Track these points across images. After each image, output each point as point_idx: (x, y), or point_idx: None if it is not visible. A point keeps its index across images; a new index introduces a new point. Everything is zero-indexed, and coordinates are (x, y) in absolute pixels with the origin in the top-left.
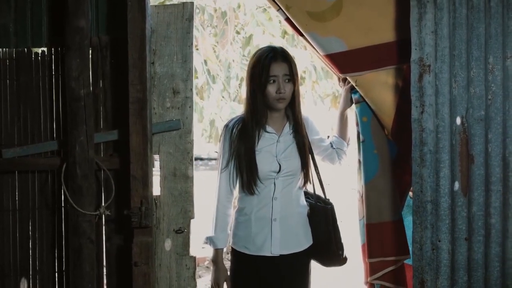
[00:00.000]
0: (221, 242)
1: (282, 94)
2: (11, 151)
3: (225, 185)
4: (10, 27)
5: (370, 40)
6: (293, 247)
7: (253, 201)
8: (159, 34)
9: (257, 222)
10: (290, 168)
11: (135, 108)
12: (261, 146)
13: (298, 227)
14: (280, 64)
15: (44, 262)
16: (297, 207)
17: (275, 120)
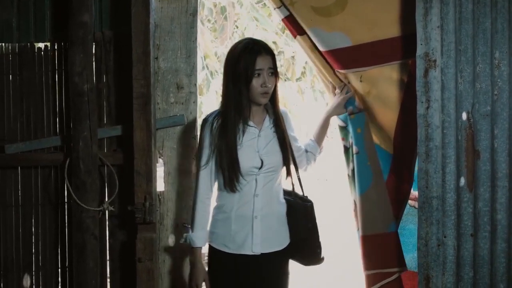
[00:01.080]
0: (200, 241)
1: (266, 88)
2: (14, 146)
3: (205, 182)
4: (13, 21)
5: (375, 35)
6: (275, 245)
7: (233, 198)
8: (163, 29)
9: (237, 219)
10: (272, 164)
11: (139, 103)
12: (243, 140)
13: (279, 224)
14: (264, 57)
15: (47, 258)
16: (278, 204)
17: (255, 114)
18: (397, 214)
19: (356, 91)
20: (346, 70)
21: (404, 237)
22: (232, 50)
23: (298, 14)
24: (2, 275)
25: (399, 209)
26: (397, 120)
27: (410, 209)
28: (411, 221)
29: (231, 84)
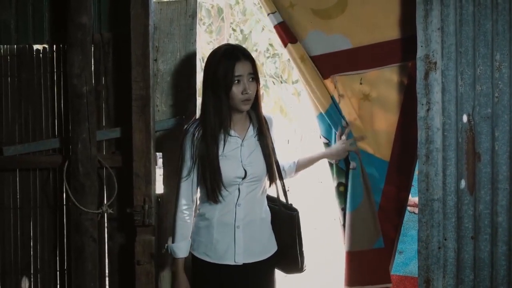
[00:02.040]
0: (181, 251)
1: (247, 95)
2: (12, 148)
3: (186, 194)
4: (11, 23)
5: (375, 37)
6: (258, 255)
7: (215, 207)
8: (162, 30)
9: (219, 228)
10: (255, 174)
11: (138, 106)
12: (226, 151)
13: (262, 233)
14: (244, 63)
15: (45, 261)
16: (261, 213)
17: (237, 122)
18: (397, 223)
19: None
20: (345, 73)
21: (406, 244)
22: (210, 57)
23: (297, 17)
24: (0, 278)
25: (398, 217)
26: (397, 123)
27: (411, 215)
28: (413, 227)
29: (210, 92)
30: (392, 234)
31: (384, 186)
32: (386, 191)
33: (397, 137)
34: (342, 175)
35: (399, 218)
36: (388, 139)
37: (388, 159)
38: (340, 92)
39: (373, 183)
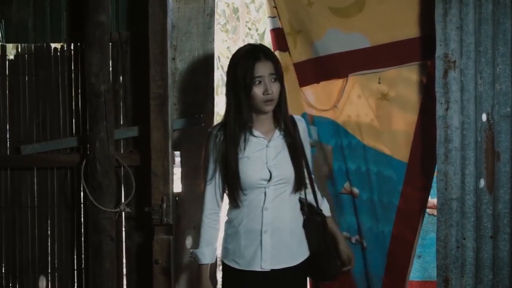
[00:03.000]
0: (206, 258)
1: (269, 96)
2: (30, 147)
3: (211, 198)
4: (29, 21)
5: (394, 36)
6: (286, 261)
7: (242, 212)
8: (180, 29)
9: (246, 234)
10: (282, 176)
11: (156, 104)
12: (249, 152)
13: (292, 239)
14: (264, 63)
15: (63, 260)
16: (291, 217)
17: (263, 123)
18: (416, 224)
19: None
20: (363, 72)
21: (425, 247)
22: (232, 57)
23: (315, 15)
24: (18, 277)
25: (417, 219)
26: (416, 123)
27: (429, 217)
28: (432, 230)
29: (231, 93)
30: (410, 237)
31: (403, 187)
32: (405, 192)
33: (416, 137)
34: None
35: (418, 220)
36: (407, 139)
37: (407, 160)
38: (357, 92)
39: (391, 185)
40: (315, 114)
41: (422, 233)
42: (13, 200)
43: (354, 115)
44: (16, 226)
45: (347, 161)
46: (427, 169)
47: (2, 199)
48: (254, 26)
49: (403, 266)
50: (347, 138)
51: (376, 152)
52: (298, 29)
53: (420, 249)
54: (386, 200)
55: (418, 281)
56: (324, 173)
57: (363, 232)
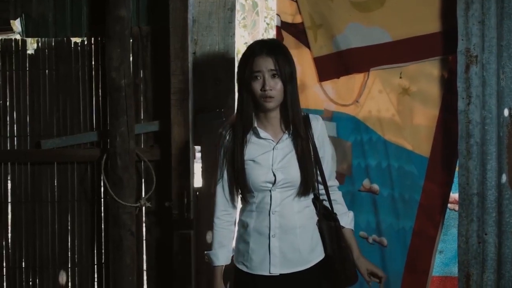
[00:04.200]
0: (219, 259)
1: (267, 92)
2: (50, 142)
3: (221, 198)
4: (49, 16)
5: (415, 31)
6: (296, 265)
7: (252, 213)
8: (201, 24)
9: (255, 237)
10: (288, 179)
11: (176, 99)
12: (255, 154)
13: (303, 242)
14: (264, 58)
15: (83, 255)
16: (301, 220)
17: (272, 123)
18: (438, 220)
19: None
20: (384, 66)
21: (447, 243)
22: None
23: (336, 9)
24: (38, 272)
25: (439, 214)
26: (438, 118)
27: (451, 212)
28: (453, 225)
29: (238, 91)
30: (433, 233)
31: (424, 182)
32: (426, 188)
33: (438, 132)
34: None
35: (440, 215)
36: (428, 134)
37: (428, 155)
38: (378, 88)
39: (412, 180)
40: (334, 110)
41: (444, 229)
42: (34, 195)
43: (375, 110)
44: (36, 221)
45: (367, 157)
46: (449, 164)
47: (22, 194)
48: (272, 21)
49: (425, 262)
50: (368, 133)
51: (397, 148)
52: (319, 23)
53: (441, 244)
54: (407, 195)
55: (439, 276)
56: (342, 170)
57: (383, 229)
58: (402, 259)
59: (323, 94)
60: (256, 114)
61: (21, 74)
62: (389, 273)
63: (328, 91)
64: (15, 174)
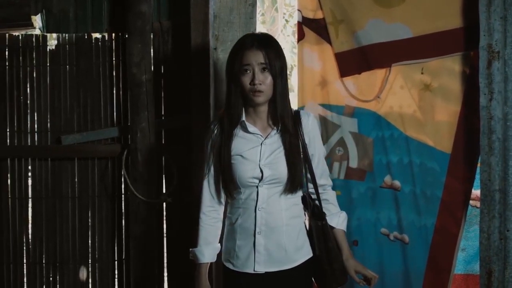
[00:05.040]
0: (204, 256)
1: (257, 86)
2: (71, 137)
3: (207, 193)
4: (70, 11)
5: (437, 26)
6: (281, 263)
7: (238, 210)
8: (222, 19)
9: (241, 234)
10: (275, 176)
11: (197, 94)
12: (243, 149)
13: (289, 240)
14: (254, 51)
15: (103, 251)
16: (288, 218)
17: (261, 118)
18: (460, 217)
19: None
20: (406, 62)
21: (469, 240)
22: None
23: (358, 5)
24: (59, 267)
25: (461, 211)
26: (459, 114)
27: (473, 209)
28: (475, 222)
29: (227, 84)
30: (455, 230)
31: (446, 179)
32: (448, 184)
33: (459, 128)
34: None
35: (462, 212)
36: (450, 130)
37: (450, 151)
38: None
39: (434, 177)
40: (356, 106)
41: (466, 226)
42: (54, 191)
43: (397, 106)
44: (57, 217)
45: (388, 154)
46: (470, 160)
47: (43, 190)
48: (291, 17)
49: (447, 259)
50: (389, 129)
51: (419, 144)
52: (340, 18)
53: (463, 242)
54: (429, 192)
55: (461, 274)
56: (364, 166)
57: (405, 226)
58: (424, 256)
59: (344, 90)
60: (245, 108)
61: (42, 70)
62: (410, 271)
63: (349, 87)
64: (35, 170)
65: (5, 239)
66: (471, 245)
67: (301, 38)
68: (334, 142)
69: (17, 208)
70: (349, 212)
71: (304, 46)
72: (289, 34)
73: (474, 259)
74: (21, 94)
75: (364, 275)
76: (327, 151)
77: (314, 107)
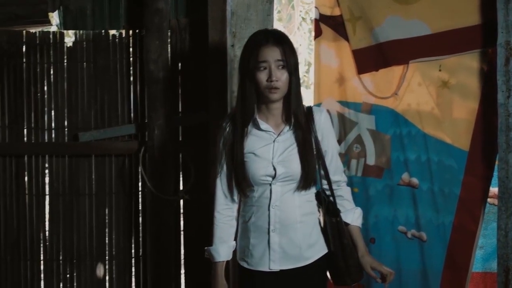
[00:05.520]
0: (219, 255)
1: (273, 83)
2: (88, 134)
3: (221, 192)
4: (87, 8)
5: (454, 23)
6: (296, 261)
7: (251, 208)
8: (239, 16)
9: (255, 232)
10: (288, 173)
11: (215, 91)
12: (255, 146)
13: (303, 238)
14: (271, 48)
15: (120, 247)
16: (302, 215)
17: (274, 115)
18: (478, 214)
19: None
20: (424, 59)
21: (487, 238)
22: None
23: (375, 2)
24: (75, 265)
25: (479, 209)
26: (477, 111)
27: (491, 207)
28: (493, 219)
29: (240, 81)
30: (473, 227)
31: (464, 177)
32: (466, 182)
33: (477, 126)
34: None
35: (480, 210)
36: (468, 127)
37: (468, 148)
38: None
39: (451, 174)
40: (373, 103)
41: (484, 223)
42: (71, 188)
43: (414, 103)
44: (74, 214)
45: (406, 151)
46: (488, 157)
47: (60, 187)
48: (307, 15)
49: (465, 258)
50: (407, 127)
51: (437, 141)
52: (358, 15)
53: (481, 239)
54: (447, 190)
55: (479, 272)
56: (381, 164)
57: (422, 224)
58: (442, 254)
59: (361, 87)
60: (257, 105)
61: (59, 67)
62: (428, 269)
63: (366, 84)
64: (52, 167)
65: (22, 236)
66: (489, 243)
67: (318, 35)
68: (351, 139)
69: (34, 205)
70: (366, 209)
71: (321, 43)
72: (305, 32)
73: (492, 257)
74: (38, 91)
75: (380, 271)
76: (345, 148)
77: (332, 104)
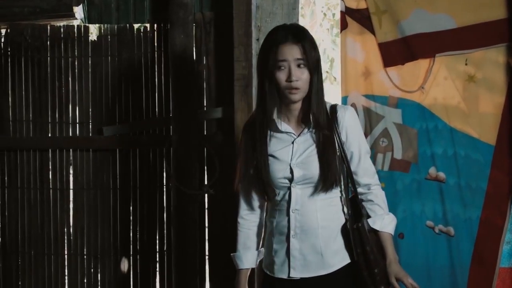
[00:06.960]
0: (242, 262)
1: (293, 83)
2: (112, 128)
3: (244, 196)
4: (112, 2)
5: (481, 17)
6: (317, 269)
7: (275, 212)
8: (264, 10)
9: (277, 238)
10: (307, 176)
11: (240, 85)
12: (274, 148)
13: (325, 244)
14: (290, 46)
15: (145, 242)
16: (323, 220)
17: (293, 114)
18: (505, 209)
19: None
20: (449, 52)
21: None
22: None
23: None
24: (100, 259)
25: (506, 203)
26: (504, 106)
27: None
28: None
29: (258, 80)
30: (500, 222)
31: (491, 171)
32: (493, 176)
33: (504, 120)
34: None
35: (507, 205)
36: (494, 122)
37: (494, 143)
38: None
39: (478, 169)
40: (399, 96)
41: (511, 218)
42: (95, 182)
43: (441, 97)
44: (98, 208)
45: (433, 145)
46: None
47: (84, 181)
48: (329, 11)
49: (492, 253)
50: (433, 121)
51: (464, 135)
52: (384, 9)
53: (508, 235)
54: (474, 184)
55: (506, 267)
56: (408, 158)
57: (450, 219)
58: (469, 249)
59: (388, 81)
60: (277, 105)
61: (83, 61)
62: (456, 265)
63: (393, 78)
64: (77, 161)
65: (46, 230)
66: None
67: (344, 28)
68: (378, 133)
69: (58, 199)
70: (394, 204)
71: (347, 36)
72: (328, 28)
73: None
74: (63, 85)
75: (405, 283)
76: (371, 142)
77: (358, 97)
